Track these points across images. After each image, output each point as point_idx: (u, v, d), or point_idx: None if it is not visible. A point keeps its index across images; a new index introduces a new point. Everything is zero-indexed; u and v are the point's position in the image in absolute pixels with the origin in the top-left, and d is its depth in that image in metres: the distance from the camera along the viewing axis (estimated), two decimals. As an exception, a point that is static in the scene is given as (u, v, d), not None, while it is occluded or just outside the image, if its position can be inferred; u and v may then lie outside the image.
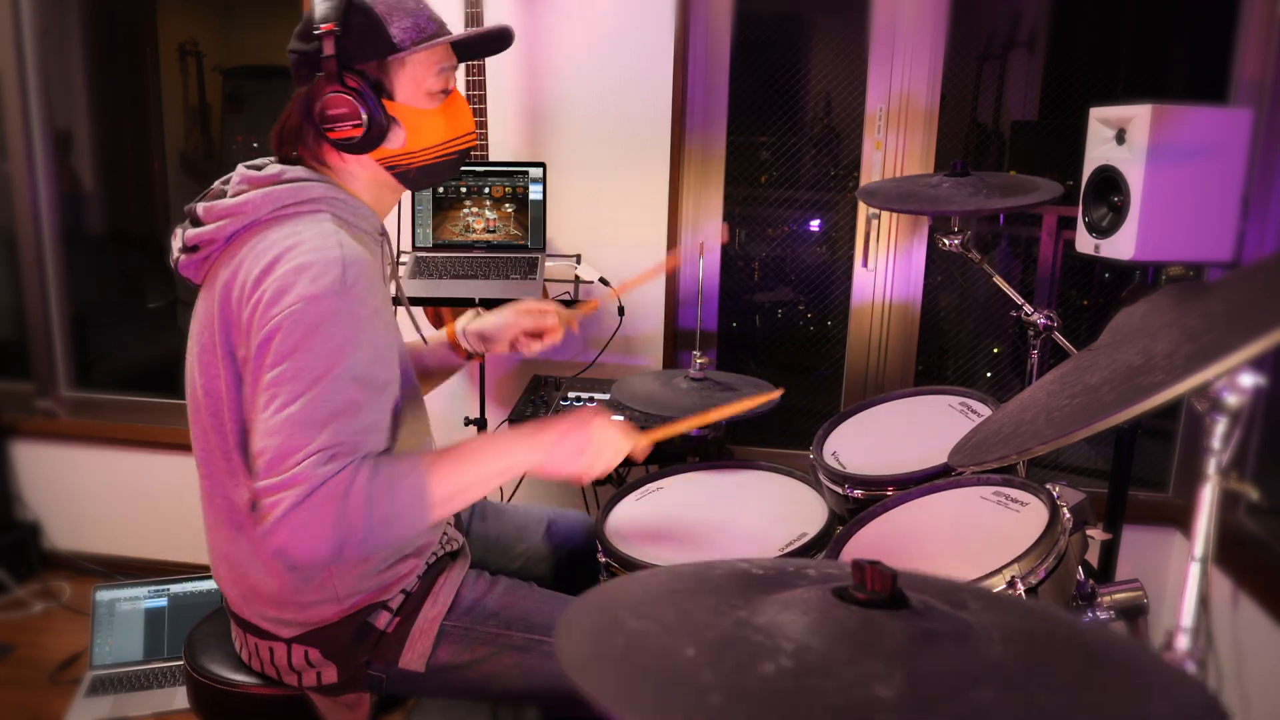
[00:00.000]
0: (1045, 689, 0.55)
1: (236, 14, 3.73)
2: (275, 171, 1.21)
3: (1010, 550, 1.13)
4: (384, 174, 1.28)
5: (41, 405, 2.96)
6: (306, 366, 1.06)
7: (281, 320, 1.08)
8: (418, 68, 1.24)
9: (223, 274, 1.18)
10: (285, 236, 1.14)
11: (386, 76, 1.22)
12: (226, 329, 1.15)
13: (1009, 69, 2.65)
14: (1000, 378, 2.73)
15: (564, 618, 0.64)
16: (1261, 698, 1.93)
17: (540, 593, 1.39)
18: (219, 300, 1.16)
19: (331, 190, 1.22)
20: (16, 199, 2.84)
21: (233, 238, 1.19)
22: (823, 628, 0.60)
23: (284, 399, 1.06)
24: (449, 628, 1.30)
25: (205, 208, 1.22)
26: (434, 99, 1.26)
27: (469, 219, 2.18)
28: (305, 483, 1.03)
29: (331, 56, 1.18)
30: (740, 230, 2.72)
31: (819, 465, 1.57)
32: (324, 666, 1.27)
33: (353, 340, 1.09)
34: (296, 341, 1.07)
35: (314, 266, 1.10)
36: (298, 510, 1.02)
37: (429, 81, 1.25)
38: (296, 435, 1.04)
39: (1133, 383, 0.69)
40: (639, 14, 2.36)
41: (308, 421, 1.05)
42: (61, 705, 2.22)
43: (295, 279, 1.09)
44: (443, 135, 1.28)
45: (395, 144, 1.25)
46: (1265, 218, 2.15)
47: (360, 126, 1.20)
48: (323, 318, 1.08)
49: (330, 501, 1.03)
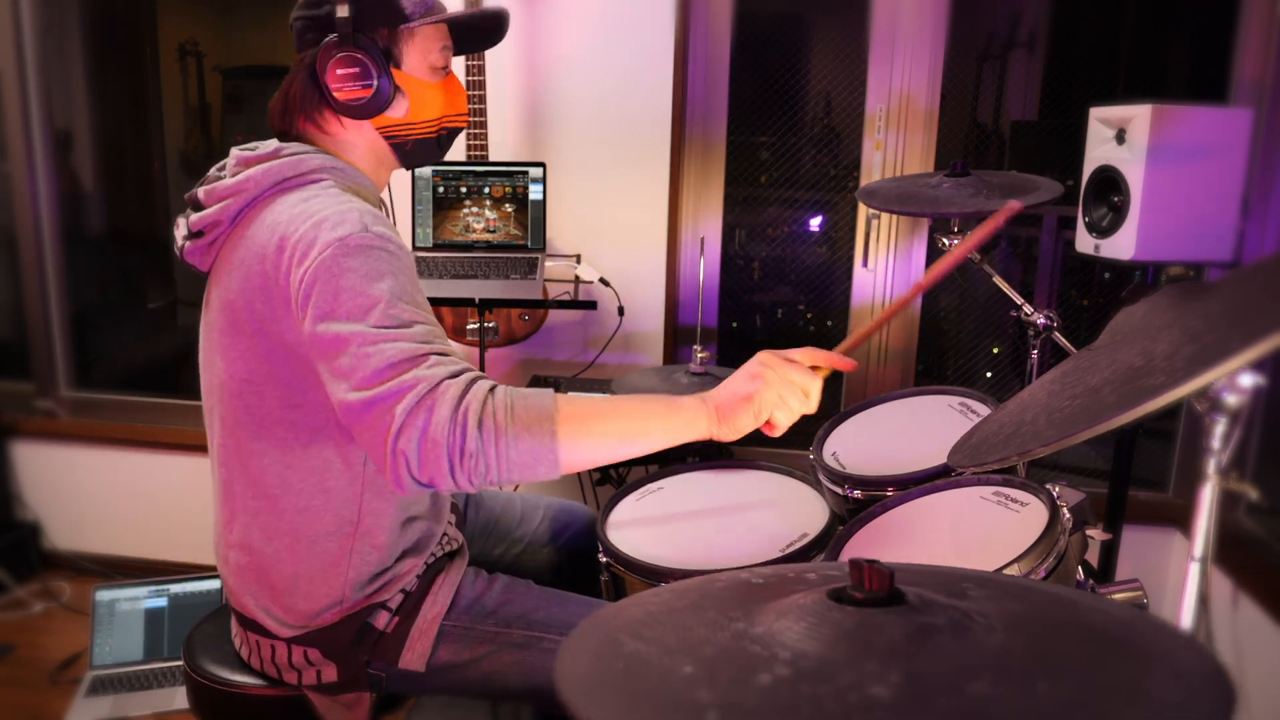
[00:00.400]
0: (1046, 675, 0.55)
1: (236, 14, 3.73)
2: (271, 149, 1.23)
3: (1010, 550, 1.13)
4: (381, 144, 1.30)
5: (41, 405, 2.96)
6: (357, 299, 1.06)
7: (316, 270, 1.08)
8: (424, 40, 1.28)
9: (235, 254, 1.18)
10: (294, 204, 1.16)
11: (395, 45, 1.26)
12: (251, 303, 1.15)
13: (1009, 69, 2.65)
14: (1000, 378, 2.73)
15: (564, 645, 0.64)
16: (1261, 698, 1.93)
17: (539, 590, 1.39)
18: (237, 278, 1.16)
19: (330, 160, 1.24)
20: (16, 199, 2.84)
21: (238, 217, 1.20)
22: (819, 632, 0.60)
23: (349, 334, 1.04)
24: (449, 627, 1.30)
25: (206, 190, 1.23)
26: (436, 74, 1.30)
27: (469, 219, 2.18)
28: (420, 384, 1.01)
29: (346, 18, 1.20)
30: (740, 230, 2.72)
31: (819, 465, 1.57)
32: (324, 666, 1.28)
33: (391, 269, 1.09)
34: (338, 283, 1.06)
35: (331, 217, 1.11)
36: (416, 412, 0.99)
37: (433, 56, 1.29)
38: (379, 355, 1.03)
39: (1134, 384, 0.69)
40: (639, 14, 2.36)
41: (383, 338, 1.04)
42: (61, 705, 2.22)
43: (316, 232, 1.10)
44: (441, 110, 1.32)
45: (398, 112, 1.27)
46: (1265, 218, 2.15)
47: (369, 87, 1.22)
48: (353, 254, 1.08)
49: (449, 403, 1.00)
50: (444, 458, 0.99)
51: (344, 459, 1.21)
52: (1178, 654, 0.57)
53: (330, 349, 1.06)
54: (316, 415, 1.18)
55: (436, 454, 0.99)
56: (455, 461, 1.00)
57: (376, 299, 1.06)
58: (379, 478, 1.24)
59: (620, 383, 1.68)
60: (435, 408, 1.00)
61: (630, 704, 0.55)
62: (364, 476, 1.23)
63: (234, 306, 1.17)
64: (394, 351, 1.03)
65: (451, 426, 0.99)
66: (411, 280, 1.13)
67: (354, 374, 1.03)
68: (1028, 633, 0.61)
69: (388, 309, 1.06)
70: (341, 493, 1.22)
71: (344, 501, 1.23)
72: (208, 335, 1.24)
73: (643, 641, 0.63)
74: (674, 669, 0.58)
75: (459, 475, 1.01)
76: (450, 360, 1.06)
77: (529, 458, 1.03)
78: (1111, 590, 1.28)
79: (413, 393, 1.00)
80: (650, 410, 1.11)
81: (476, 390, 1.03)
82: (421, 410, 1.00)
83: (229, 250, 1.21)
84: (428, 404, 1.00)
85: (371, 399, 1.01)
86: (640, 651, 0.62)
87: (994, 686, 0.53)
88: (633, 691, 0.57)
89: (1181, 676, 0.54)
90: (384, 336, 1.04)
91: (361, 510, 1.24)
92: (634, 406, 1.12)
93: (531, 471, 1.04)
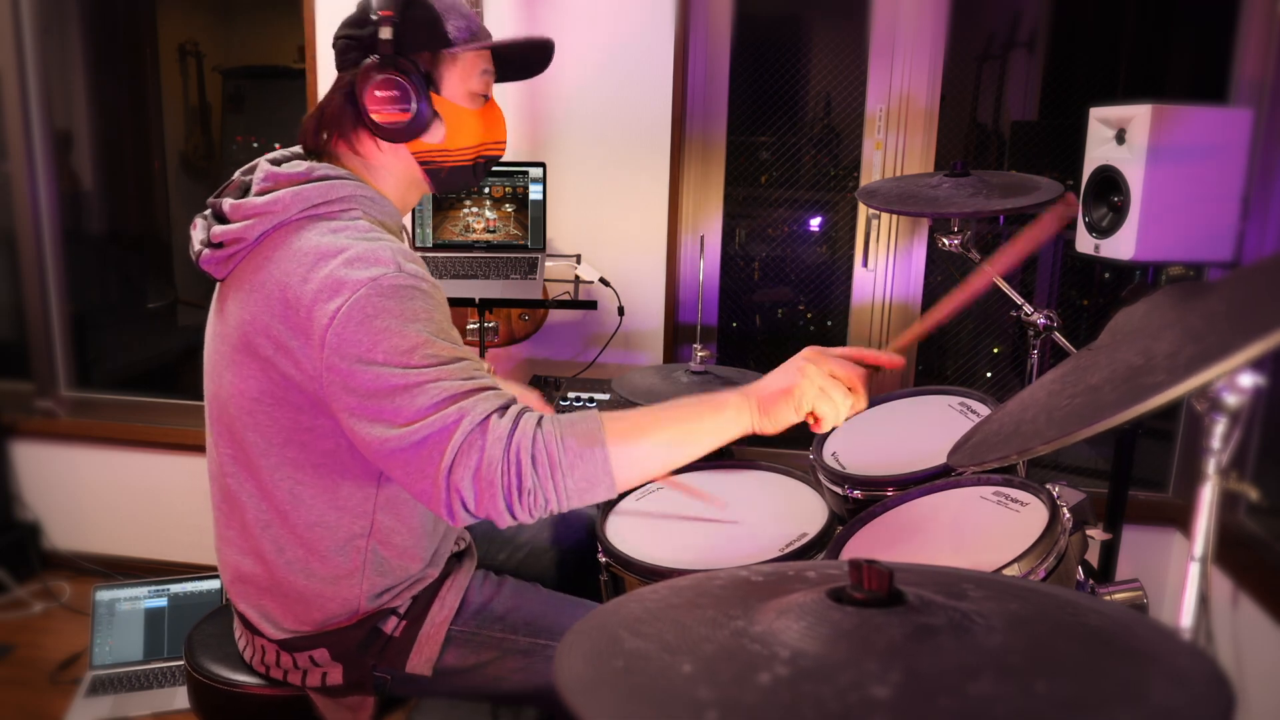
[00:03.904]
0: (1046, 674, 0.55)
1: (236, 14, 3.73)
2: (303, 169, 1.20)
3: (1010, 550, 1.13)
4: (415, 169, 1.28)
5: (41, 405, 2.96)
6: (394, 340, 1.05)
7: (350, 311, 1.06)
8: (466, 66, 1.26)
9: (256, 275, 1.16)
10: (323, 234, 1.14)
11: (436, 70, 1.24)
12: (269, 328, 1.12)
13: (1009, 69, 2.65)
14: (1000, 378, 2.73)
15: (563, 642, 0.64)
16: (1261, 698, 1.93)
17: (546, 594, 1.39)
18: (257, 300, 1.14)
19: (360, 189, 1.21)
20: (16, 199, 2.84)
21: (262, 238, 1.18)
22: (819, 631, 0.60)
23: (390, 377, 1.04)
24: (456, 632, 1.30)
25: (232, 205, 1.20)
26: (475, 100, 1.29)
27: (469, 219, 2.18)
28: (465, 419, 1.01)
29: (390, 40, 1.19)
30: (740, 230, 2.72)
31: (819, 465, 1.57)
32: (330, 668, 1.27)
33: (426, 308, 1.09)
34: (373, 324, 1.06)
35: (364, 256, 1.10)
36: (467, 451, 1.00)
37: (473, 82, 1.27)
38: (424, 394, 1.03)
39: (1134, 382, 0.69)
40: (639, 15, 2.36)
41: (426, 378, 1.04)
42: (61, 705, 2.22)
43: (347, 271, 1.09)
44: (479, 138, 1.30)
45: (435, 138, 1.26)
46: (1265, 218, 2.15)
47: (408, 112, 1.20)
48: (388, 295, 1.07)
49: (498, 442, 1.00)
50: (500, 497, 1.01)
51: (357, 477, 1.20)
52: (1178, 657, 0.57)
53: (368, 390, 1.05)
54: (329, 439, 1.16)
55: (492, 494, 1.01)
56: (513, 500, 1.01)
57: (416, 341, 1.05)
58: (394, 493, 1.23)
59: (620, 382, 1.68)
60: (486, 447, 1.01)
61: (630, 702, 0.55)
62: (378, 494, 1.22)
63: (251, 327, 1.15)
64: (437, 391, 1.03)
65: (505, 466, 1.00)
66: (446, 317, 1.13)
67: (398, 415, 1.03)
68: (1028, 633, 0.61)
69: (427, 349, 1.05)
70: (354, 508, 1.21)
71: (357, 516, 1.22)
72: (218, 345, 1.22)
73: (642, 639, 0.63)
74: (674, 667, 0.58)
75: (519, 512, 1.03)
76: (494, 395, 1.06)
77: (585, 483, 1.04)
78: (1111, 590, 1.28)
79: (459, 430, 1.01)
80: (694, 413, 1.11)
81: (525, 426, 1.03)
82: (472, 450, 1.01)
83: (250, 269, 1.18)
84: (479, 444, 1.01)
85: (419, 438, 1.01)
86: (640, 649, 0.61)
87: (994, 687, 0.53)
88: (632, 689, 0.57)
89: (1182, 680, 0.54)
90: (426, 376, 1.04)
91: (375, 524, 1.23)
92: (678, 412, 1.11)
93: (591, 496, 1.05)
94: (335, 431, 1.15)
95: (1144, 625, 0.62)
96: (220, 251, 1.21)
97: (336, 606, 1.24)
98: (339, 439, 1.16)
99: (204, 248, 1.23)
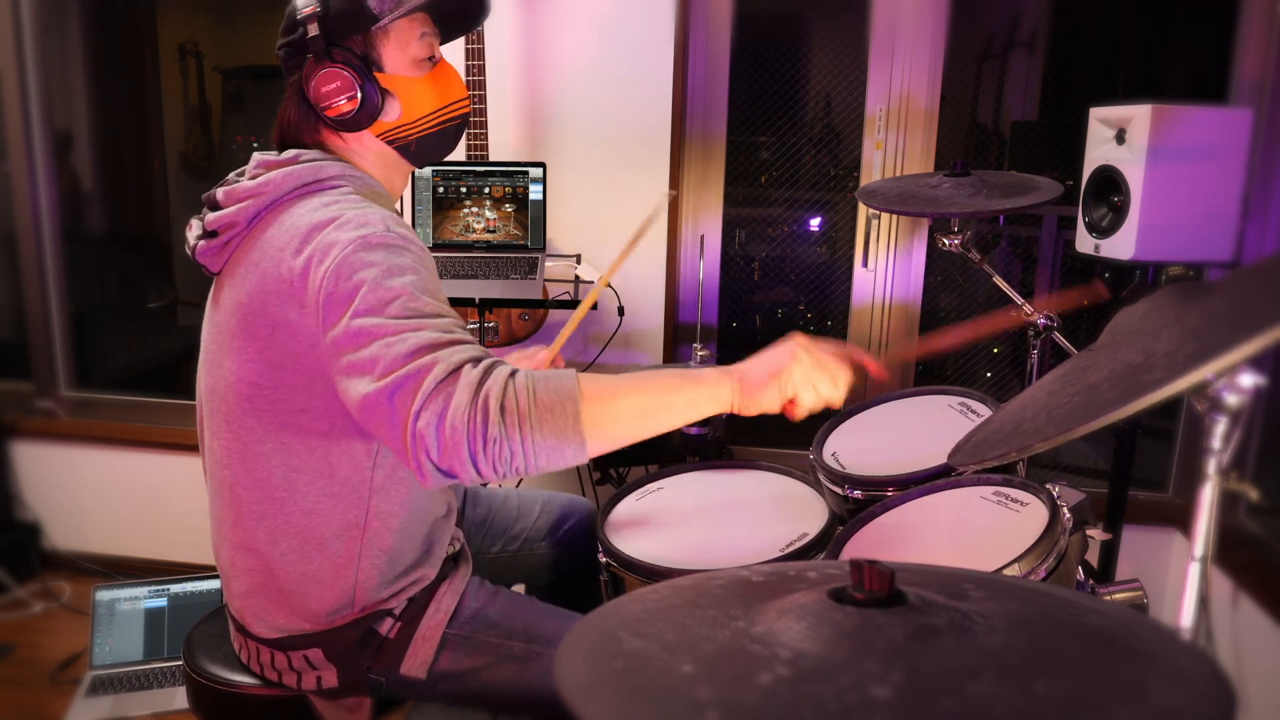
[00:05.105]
0: (1046, 674, 0.55)
1: (236, 14, 3.73)
2: (292, 154, 1.23)
3: (1010, 550, 1.13)
4: (387, 150, 1.30)
5: (41, 405, 2.96)
6: (378, 293, 1.05)
7: (337, 267, 1.08)
8: (401, 35, 1.26)
9: (249, 257, 1.18)
10: (315, 208, 1.16)
11: (373, 49, 1.25)
12: (265, 305, 1.14)
13: (1009, 69, 2.65)
14: (1000, 378, 2.73)
15: (564, 642, 0.63)
16: (1261, 698, 1.93)
17: (542, 605, 1.39)
18: (252, 279, 1.16)
19: (348, 168, 1.24)
20: (16, 199, 2.84)
21: (255, 220, 1.20)
22: (819, 632, 0.60)
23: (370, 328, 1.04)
24: (451, 635, 1.30)
25: (226, 191, 1.23)
26: (421, 66, 1.29)
27: (469, 219, 2.18)
28: (438, 366, 1.00)
29: (318, 36, 1.21)
30: (740, 230, 2.72)
31: (819, 465, 1.57)
32: (325, 669, 1.27)
33: (412, 265, 1.10)
34: (358, 277, 1.06)
35: (354, 219, 1.12)
36: (434, 396, 0.98)
37: (413, 48, 1.27)
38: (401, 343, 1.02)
39: (1134, 380, 0.69)
40: (639, 13, 2.36)
41: (405, 328, 1.03)
42: (61, 705, 2.22)
43: (337, 233, 1.11)
44: (436, 102, 1.30)
45: (392, 116, 1.27)
46: (1265, 218, 2.15)
47: (355, 99, 1.22)
48: (373, 249, 1.08)
49: (467, 388, 0.98)
50: (464, 445, 0.97)
51: (351, 462, 1.21)
52: (1178, 657, 0.57)
53: (350, 343, 1.05)
54: (324, 420, 1.17)
55: (456, 440, 0.97)
56: (477, 449, 0.98)
57: (398, 292, 1.05)
58: (387, 480, 1.23)
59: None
60: (454, 393, 0.98)
61: (630, 702, 0.55)
62: (372, 479, 1.22)
63: (248, 309, 1.16)
64: (416, 340, 1.02)
65: (471, 412, 0.97)
66: (433, 277, 1.13)
67: (375, 365, 1.02)
68: (1028, 633, 0.61)
69: (409, 302, 1.05)
70: (349, 495, 1.22)
71: (351, 504, 1.22)
72: (215, 337, 1.24)
73: (642, 639, 0.63)
74: (674, 667, 0.58)
75: (482, 464, 0.99)
76: (471, 347, 1.05)
77: (555, 440, 1.01)
78: (1111, 590, 1.28)
79: (431, 375, 0.99)
80: (672, 383, 1.10)
81: (497, 375, 1.01)
82: (440, 394, 0.98)
83: (243, 253, 1.20)
84: (447, 389, 0.99)
85: (393, 386, 1.00)
86: (640, 649, 0.61)
87: (994, 687, 0.53)
88: (633, 689, 0.57)
89: (1182, 680, 0.54)
90: (405, 327, 1.03)
91: (369, 512, 1.23)
92: (657, 382, 1.10)
93: (559, 455, 1.02)
94: (330, 413, 1.16)
95: (1144, 625, 0.62)
96: (215, 240, 1.23)
97: (334, 598, 1.24)
98: (334, 420, 1.17)
99: (198, 241, 1.25)
